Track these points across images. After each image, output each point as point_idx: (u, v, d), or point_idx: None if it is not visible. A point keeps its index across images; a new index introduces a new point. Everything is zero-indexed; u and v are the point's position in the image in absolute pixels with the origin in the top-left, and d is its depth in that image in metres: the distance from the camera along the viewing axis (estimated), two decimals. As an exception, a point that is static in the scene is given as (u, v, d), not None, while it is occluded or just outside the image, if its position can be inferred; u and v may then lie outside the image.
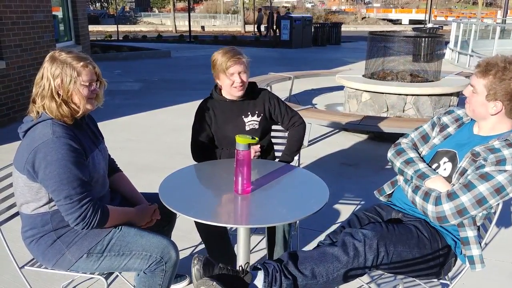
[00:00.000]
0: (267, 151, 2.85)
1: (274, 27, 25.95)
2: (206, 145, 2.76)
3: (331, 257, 1.89)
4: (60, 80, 1.93)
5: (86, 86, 1.98)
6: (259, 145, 2.70)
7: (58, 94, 1.95)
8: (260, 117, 2.73)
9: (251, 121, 2.71)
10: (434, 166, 2.14)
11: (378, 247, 1.89)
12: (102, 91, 2.11)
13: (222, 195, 2.12)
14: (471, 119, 2.18)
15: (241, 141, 2.01)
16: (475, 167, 1.93)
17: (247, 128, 2.71)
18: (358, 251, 1.88)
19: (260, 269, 1.88)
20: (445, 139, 2.20)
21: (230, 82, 2.58)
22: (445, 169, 2.09)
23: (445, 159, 2.11)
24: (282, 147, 2.95)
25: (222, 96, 2.72)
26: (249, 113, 2.71)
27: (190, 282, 2.79)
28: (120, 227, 2.09)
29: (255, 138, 2.03)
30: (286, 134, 2.99)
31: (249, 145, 2.03)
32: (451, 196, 1.92)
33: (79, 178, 1.90)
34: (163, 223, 2.47)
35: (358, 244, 1.89)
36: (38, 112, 1.97)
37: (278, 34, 26.16)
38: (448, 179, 2.05)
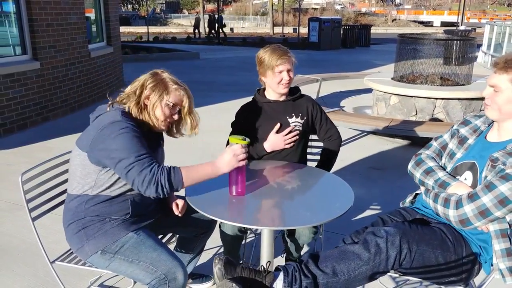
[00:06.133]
0: (302, 161, 2.81)
1: (216, 28, 27.08)
2: None
3: (352, 255, 1.89)
4: (151, 92, 2.07)
5: (169, 106, 2.09)
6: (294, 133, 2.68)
7: (144, 104, 2.08)
8: (304, 120, 2.71)
9: (295, 122, 2.69)
10: None
11: (400, 243, 1.87)
12: (185, 126, 2.21)
13: (248, 196, 2.14)
14: (489, 125, 2.14)
15: (233, 141, 2.01)
16: (495, 172, 1.90)
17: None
18: (379, 248, 1.86)
19: (280, 270, 1.90)
20: (466, 151, 2.16)
21: (278, 79, 2.62)
22: (465, 179, 2.06)
23: (465, 170, 2.08)
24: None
25: (266, 97, 2.73)
26: (293, 114, 2.70)
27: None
28: (139, 232, 2.12)
29: (246, 139, 2.03)
30: (319, 144, 2.96)
31: (242, 145, 2.01)
32: (472, 197, 1.89)
33: (144, 146, 1.95)
34: (201, 230, 2.51)
35: (380, 241, 1.87)
36: (112, 106, 2.09)
37: (221, 35, 27.16)
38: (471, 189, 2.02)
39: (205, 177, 2.02)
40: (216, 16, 27.24)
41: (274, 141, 2.64)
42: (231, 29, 37.34)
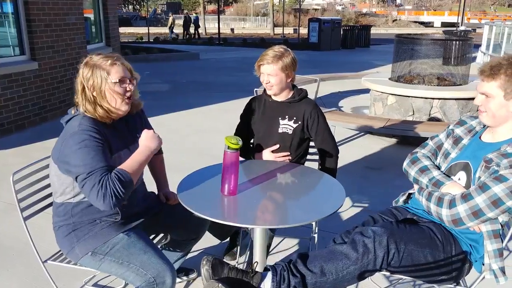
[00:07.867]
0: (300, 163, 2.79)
1: (192, 29, 27.75)
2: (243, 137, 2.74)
3: (340, 255, 1.90)
4: (92, 81, 1.99)
5: (117, 83, 2.02)
6: (287, 152, 2.71)
7: (93, 96, 2.01)
8: (297, 124, 2.69)
9: (286, 125, 2.69)
10: None
11: (388, 243, 1.88)
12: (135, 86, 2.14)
13: (240, 196, 2.15)
14: (484, 126, 2.15)
15: (227, 142, 2.02)
16: (489, 173, 1.91)
17: (280, 131, 2.69)
18: (367, 248, 1.88)
19: (269, 270, 1.91)
20: (460, 151, 2.18)
21: (262, 79, 2.67)
22: (459, 179, 2.07)
23: (459, 170, 2.09)
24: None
25: (268, 94, 2.75)
26: (286, 116, 2.70)
27: (198, 276, 2.84)
28: (130, 234, 2.11)
29: (239, 143, 2.02)
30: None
31: (236, 148, 2.02)
32: (466, 197, 1.90)
33: (100, 156, 1.91)
34: (192, 235, 2.52)
35: (368, 241, 1.89)
36: (77, 109, 2.07)
37: (195, 36, 27.80)
38: (465, 189, 2.03)
39: (144, 163, 2.03)
40: (192, 16, 27.50)
41: (266, 157, 2.70)
42: (232, 29, 37.32)
